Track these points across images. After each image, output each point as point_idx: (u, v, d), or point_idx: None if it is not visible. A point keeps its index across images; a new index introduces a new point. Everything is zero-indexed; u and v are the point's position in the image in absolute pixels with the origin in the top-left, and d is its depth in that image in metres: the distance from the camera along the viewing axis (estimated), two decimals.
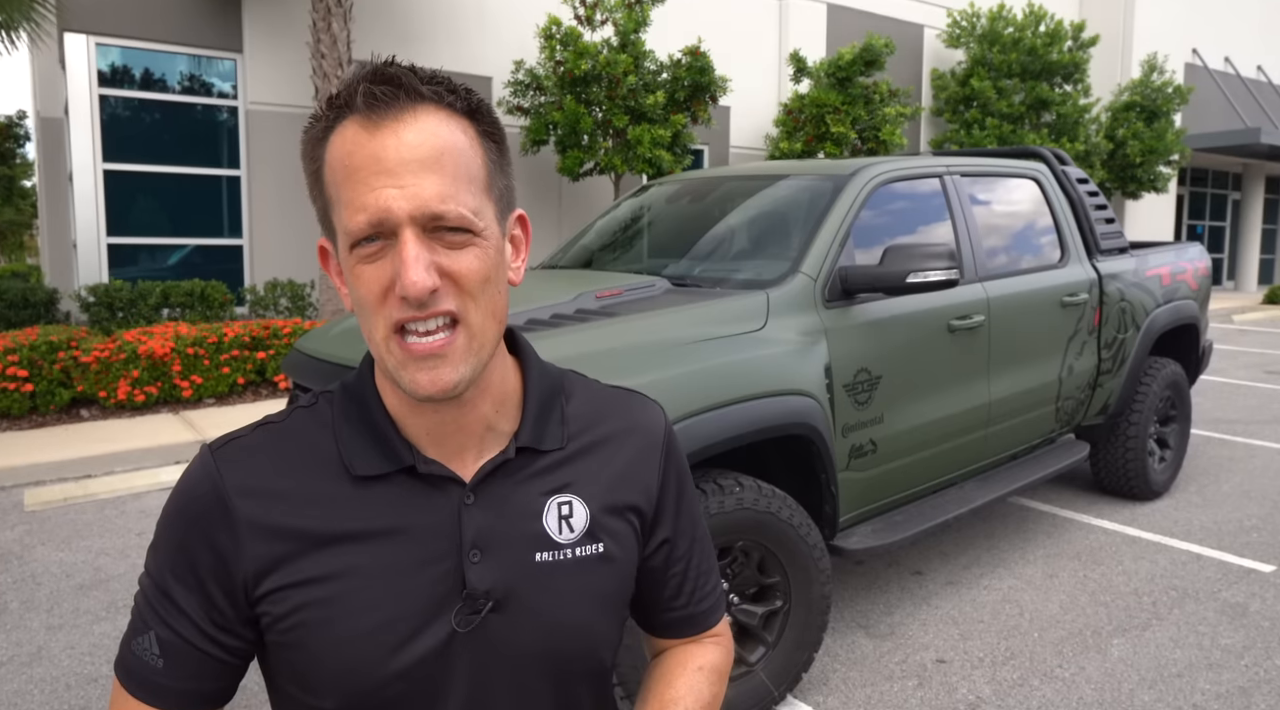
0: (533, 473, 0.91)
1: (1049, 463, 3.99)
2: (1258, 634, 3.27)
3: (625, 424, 0.99)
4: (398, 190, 0.76)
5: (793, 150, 11.87)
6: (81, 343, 6.62)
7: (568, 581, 0.90)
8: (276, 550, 0.84)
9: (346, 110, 0.79)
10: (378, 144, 0.77)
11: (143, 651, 0.85)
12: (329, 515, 0.85)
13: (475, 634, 0.86)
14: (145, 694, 0.85)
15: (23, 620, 3.40)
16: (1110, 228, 4.48)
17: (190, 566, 0.84)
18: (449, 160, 0.78)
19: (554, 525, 0.90)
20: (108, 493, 5.04)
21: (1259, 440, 6.23)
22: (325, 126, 0.81)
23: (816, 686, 2.93)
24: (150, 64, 8.84)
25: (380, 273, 0.78)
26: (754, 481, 2.59)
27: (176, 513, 0.85)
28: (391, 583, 0.84)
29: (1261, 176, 20.86)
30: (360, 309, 0.81)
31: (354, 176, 0.77)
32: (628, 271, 3.41)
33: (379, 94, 0.77)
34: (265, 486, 0.85)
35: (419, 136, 0.77)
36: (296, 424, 0.90)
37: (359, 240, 0.78)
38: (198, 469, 0.87)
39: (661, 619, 1.04)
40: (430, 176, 0.77)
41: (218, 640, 0.85)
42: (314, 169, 0.83)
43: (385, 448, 0.87)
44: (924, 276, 2.93)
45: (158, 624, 0.84)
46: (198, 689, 0.85)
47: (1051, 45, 14.22)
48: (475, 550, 0.86)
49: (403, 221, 0.76)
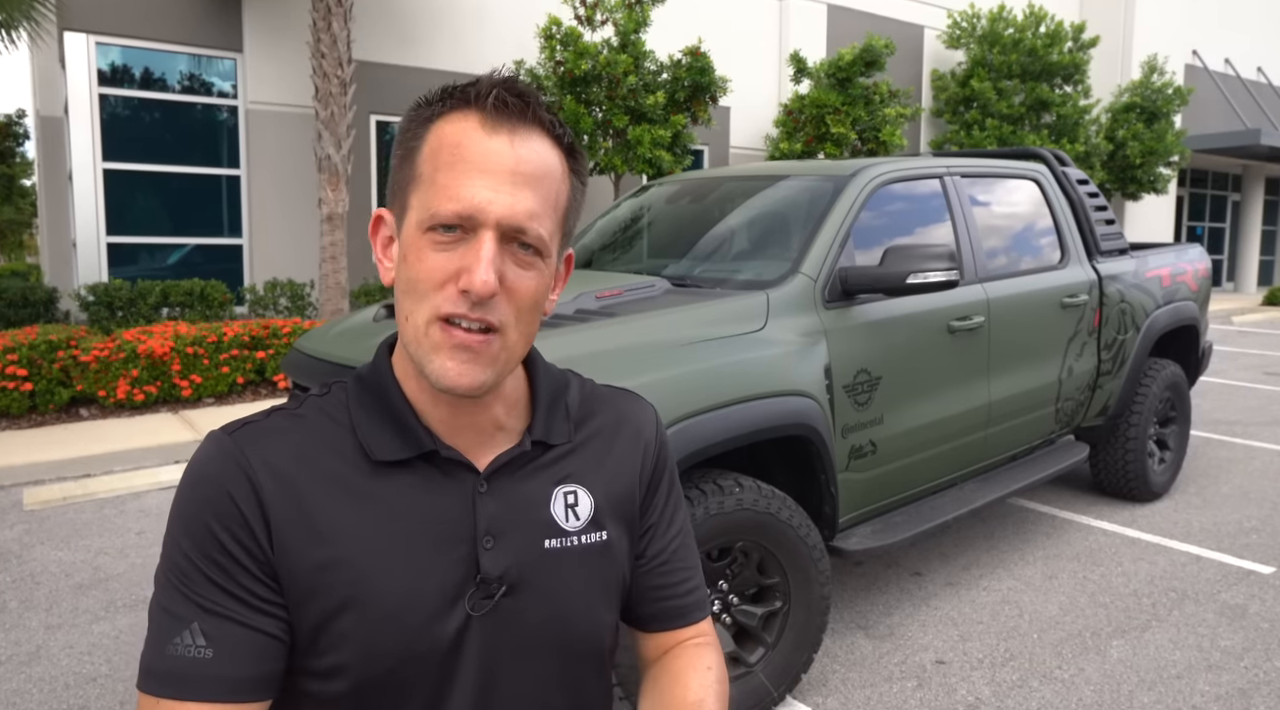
0: (540, 464, 0.94)
1: (1049, 464, 3.99)
2: (1257, 635, 3.27)
3: (618, 418, 1.03)
4: (495, 193, 0.79)
5: (793, 151, 11.87)
6: (81, 342, 6.62)
7: (575, 567, 0.93)
8: (299, 532, 0.84)
9: (469, 105, 0.82)
10: (491, 145, 0.80)
11: (184, 650, 0.80)
12: (349, 499, 0.86)
13: (488, 617, 0.88)
14: (198, 692, 0.79)
15: (21, 619, 3.40)
16: (1110, 229, 4.48)
17: (221, 547, 0.82)
18: (547, 184, 0.82)
19: (561, 514, 0.93)
20: (107, 492, 5.04)
21: (1258, 442, 6.23)
22: (439, 110, 0.84)
23: (816, 687, 2.93)
24: (150, 63, 8.84)
25: (448, 262, 0.80)
26: (754, 482, 2.59)
27: (198, 499, 0.84)
28: (409, 567, 0.86)
29: (1261, 178, 20.87)
30: (410, 288, 0.82)
31: (459, 166, 0.80)
32: (628, 272, 3.41)
33: (509, 102, 0.81)
34: (286, 468, 0.86)
35: (530, 152, 0.81)
36: (311, 410, 0.91)
37: (437, 224, 0.80)
38: (214, 452, 0.86)
39: (647, 610, 1.05)
40: (528, 192, 0.81)
41: (266, 612, 0.83)
42: (409, 146, 0.85)
43: (406, 433, 0.88)
44: (924, 277, 2.92)
45: (198, 614, 0.81)
46: (255, 672, 0.82)
47: (1052, 46, 14.22)
48: (489, 537, 0.89)
49: (489, 223, 0.79)
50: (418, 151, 0.84)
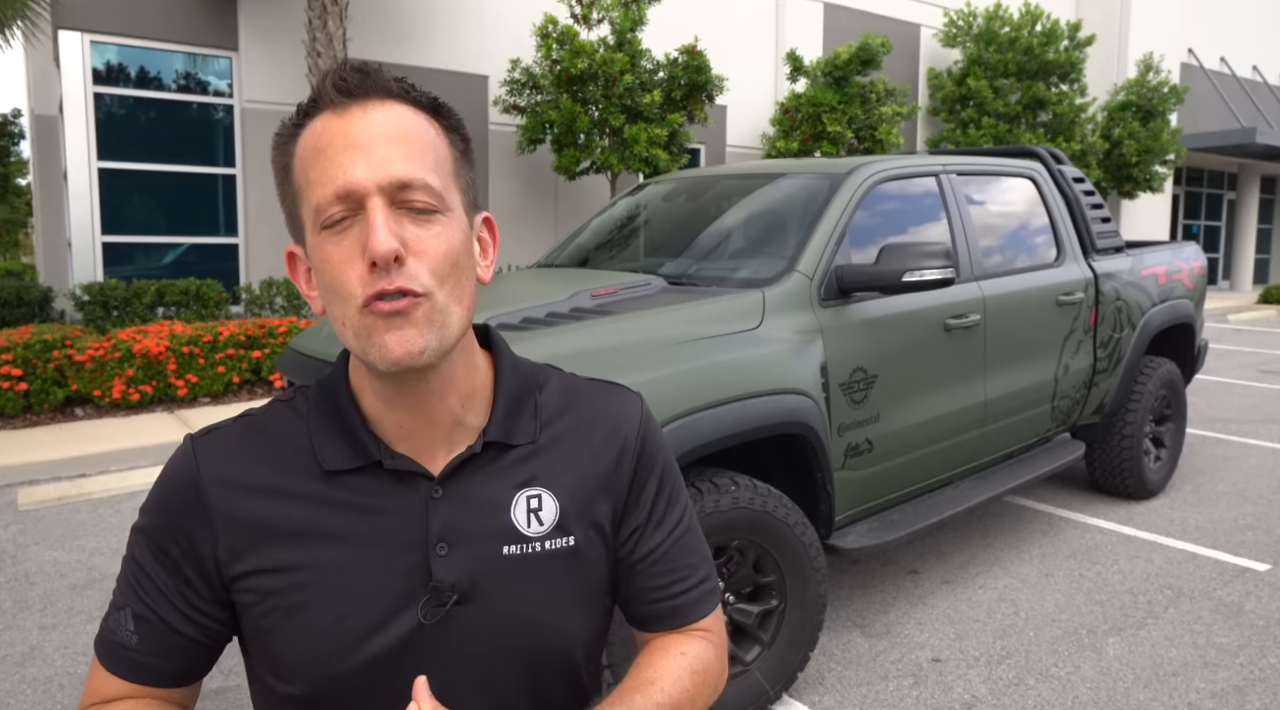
0: (502, 466, 0.92)
1: (1045, 462, 4.00)
2: (1253, 633, 3.27)
3: (595, 413, 0.99)
4: (365, 162, 0.78)
5: (789, 149, 11.87)
6: (76, 341, 6.60)
7: (537, 575, 0.90)
8: (247, 539, 0.86)
9: (318, 104, 0.82)
10: (346, 123, 0.80)
11: (118, 627, 0.88)
12: (299, 507, 0.87)
13: (441, 626, 0.87)
14: (118, 668, 0.88)
15: (16, 620, 3.39)
16: (1106, 227, 4.49)
17: (166, 550, 0.87)
18: (415, 141, 0.81)
19: (522, 519, 0.91)
20: (102, 492, 5.02)
21: (1254, 439, 6.24)
22: (295, 124, 0.83)
23: (812, 686, 2.92)
24: (145, 62, 8.82)
25: (351, 247, 0.79)
26: (750, 480, 2.59)
27: (157, 499, 0.89)
28: (358, 574, 0.86)
29: (1256, 176, 20.91)
30: (332, 293, 0.81)
31: (323, 155, 0.79)
32: (624, 270, 3.41)
33: (350, 79, 0.80)
34: (239, 478, 0.88)
35: (386, 117, 0.80)
36: (273, 418, 0.92)
37: (327, 219, 0.79)
38: (179, 458, 0.90)
39: (642, 611, 1.02)
40: (397, 149, 0.79)
41: (192, 620, 0.88)
42: (283, 166, 0.85)
43: (354, 443, 0.88)
44: (920, 275, 2.92)
45: (134, 601, 0.88)
46: (167, 666, 0.89)
47: (1048, 45, 14.23)
48: (442, 543, 0.87)
49: (370, 191, 0.78)
50: (290, 169, 0.84)
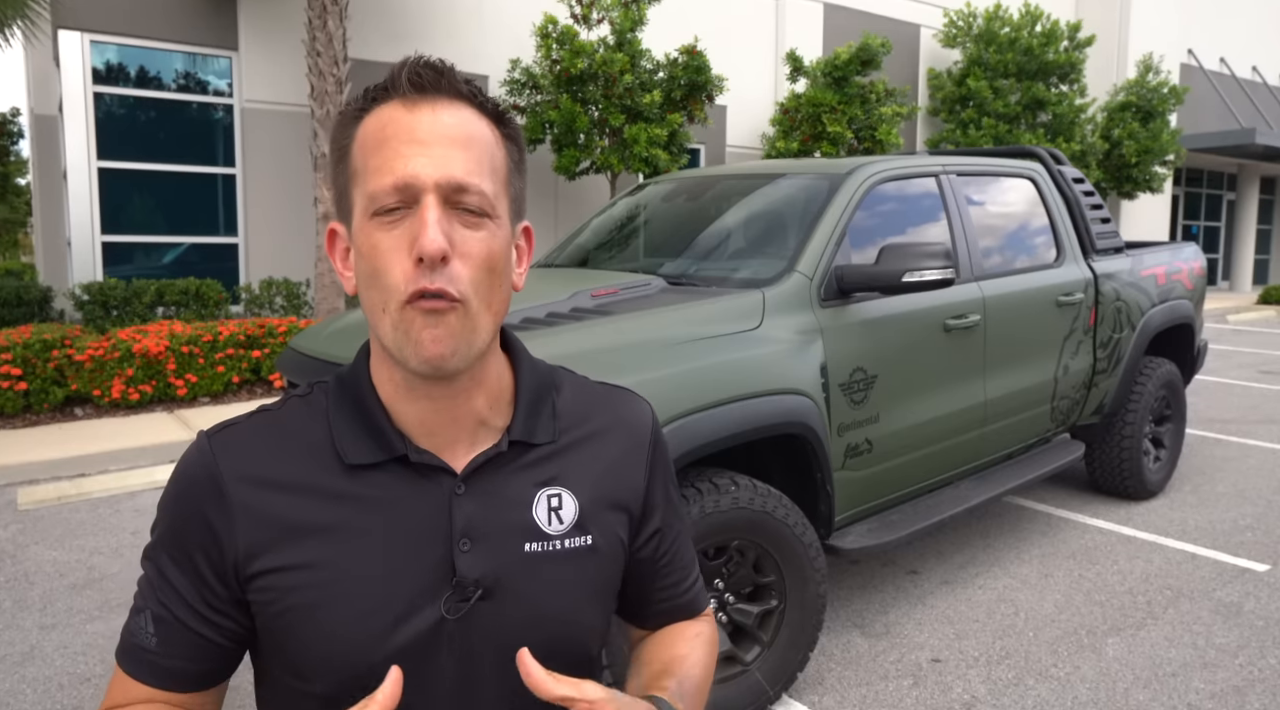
0: (523, 465, 0.93)
1: (1044, 462, 4.00)
2: (1252, 633, 3.27)
3: (613, 419, 1.01)
4: (427, 159, 0.79)
5: (789, 149, 11.87)
6: (76, 341, 6.60)
7: (556, 572, 0.91)
8: (268, 535, 0.85)
9: (388, 93, 0.83)
10: (414, 119, 0.81)
11: (138, 630, 0.88)
12: (321, 502, 0.86)
13: (464, 621, 0.87)
14: (139, 671, 0.87)
15: (15, 620, 3.39)
16: (1106, 227, 4.49)
17: (184, 549, 0.87)
18: (477, 147, 0.82)
19: (544, 516, 0.92)
20: (102, 492, 5.02)
21: (1253, 440, 6.25)
22: (362, 106, 0.85)
23: (812, 686, 2.92)
24: (145, 61, 8.81)
25: (399, 239, 0.80)
26: (750, 481, 2.59)
27: (173, 497, 0.88)
28: (381, 570, 0.86)
29: (1256, 177, 20.91)
30: (371, 281, 0.82)
31: (386, 145, 0.81)
32: (623, 270, 3.41)
33: (424, 75, 0.82)
34: (259, 473, 0.87)
35: (454, 119, 0.82)
36: (291, 412, 0.92)
37: (381, 207, 0.80)
38: (194, 454, 0.89)
39: (653, 610, 1.06)
40: (459, 152, 0.81)
41: (211, 620, 0.87)
42: (341, 146, 0.86)
43: (378, 437, 0.88)
44: (920, 276, 2.92)
45: (153, 603, 0.87)
46: (188, 668, 0.88)
47: (1047, 45, 14.24)
48: (465, 539, 0.88)
49: (427, 187, 0.79)
50: (349, 150, 0.85)
